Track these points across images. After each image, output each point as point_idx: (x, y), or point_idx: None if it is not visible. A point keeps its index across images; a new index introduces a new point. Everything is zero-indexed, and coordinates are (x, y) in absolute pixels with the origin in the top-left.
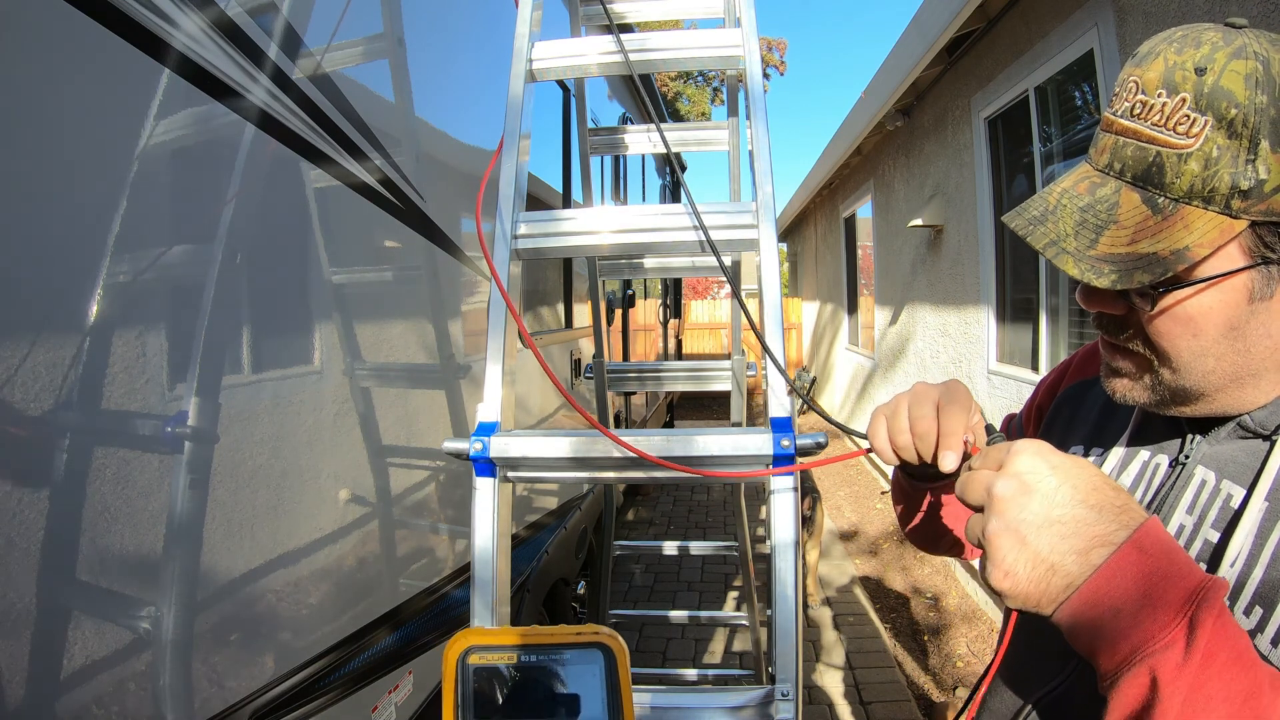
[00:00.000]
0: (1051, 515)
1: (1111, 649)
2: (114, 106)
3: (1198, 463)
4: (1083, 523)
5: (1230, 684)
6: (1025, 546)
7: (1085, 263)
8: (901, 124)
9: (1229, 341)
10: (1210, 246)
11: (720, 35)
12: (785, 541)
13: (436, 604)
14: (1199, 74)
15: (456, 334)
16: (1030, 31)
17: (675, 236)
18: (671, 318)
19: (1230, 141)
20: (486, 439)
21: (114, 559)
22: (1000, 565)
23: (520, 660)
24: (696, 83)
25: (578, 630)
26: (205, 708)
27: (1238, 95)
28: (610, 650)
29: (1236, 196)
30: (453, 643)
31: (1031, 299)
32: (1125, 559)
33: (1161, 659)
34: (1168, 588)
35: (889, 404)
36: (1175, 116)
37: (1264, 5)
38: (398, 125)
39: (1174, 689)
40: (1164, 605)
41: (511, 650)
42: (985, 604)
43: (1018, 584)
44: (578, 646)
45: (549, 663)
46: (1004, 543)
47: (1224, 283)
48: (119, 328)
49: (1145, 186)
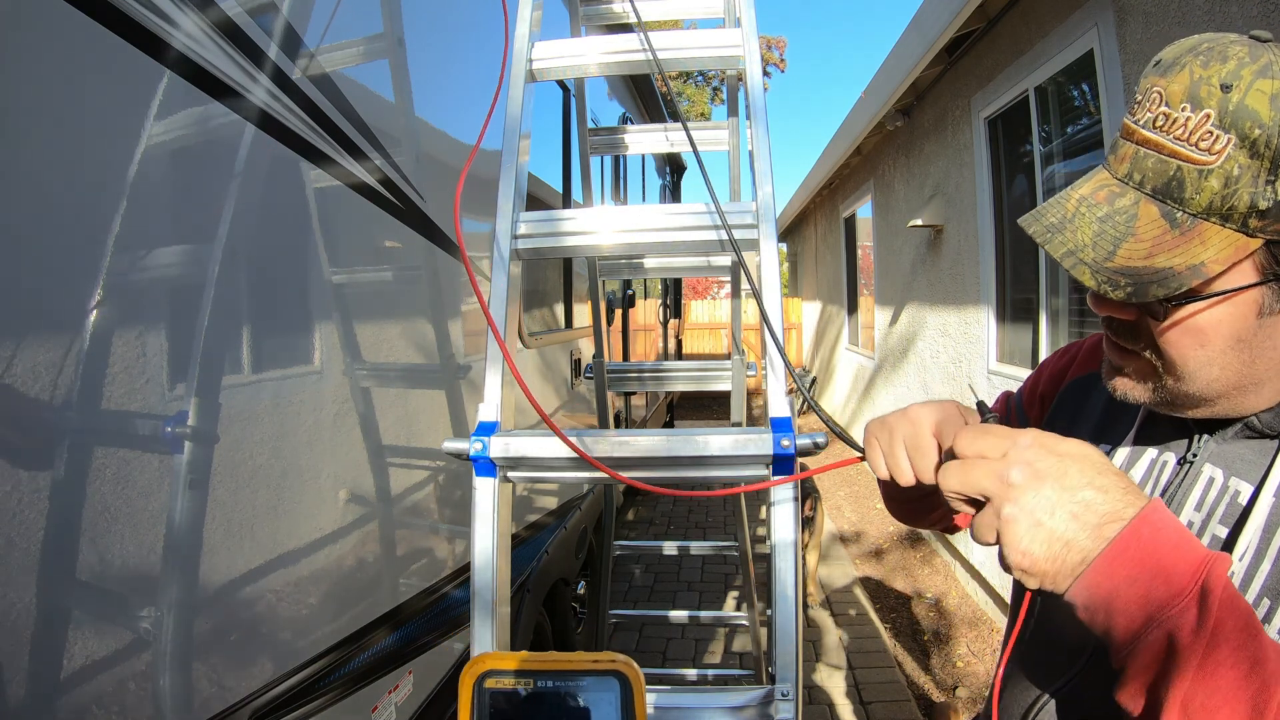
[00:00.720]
0: (1063, 497)
1: (1127, 618)
2: (114, 106)
3: (1205, 460)
4: (1093, 502)
5: (1239, 650)
6: (1040, 528)
7: (1102, 274)
8: (901, 124)
9: (1235, 353)
10: (1225, 263)
11: (720, 35)
12: (785, 541)
13: (436, 604)
14: (1224, 90)
15: (456, 334)
16: (1030, 31)
17: (675, 236)
18: (671, 318)
19: (1252, 161)
20: (486, 439)
21: (114, 559)
22: (1017, 546)
23: (537, 686)
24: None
25: (594, 658)
26: (205, 708)
27: (1262, 115)
28: (626, 679)
29: (1254, 216)
30: (470, 666)
31: (1031, 299)
32: (1136, 532)
33: (1179, 623)
34: (1177, 559)
35: (883, 430)
36: (1199, 132)
37: (1264, 5)
38: (398, 125)
39: (1191, 652)
40: (1176, 574)
41: (528, 676)
42: (985, 604)
43: (1035, 562)
44: (594, 674)
45: (565, 689)
46: (1020, 526)
47: (1235, 297)
48: (119, 328)
49: (1165, 200)
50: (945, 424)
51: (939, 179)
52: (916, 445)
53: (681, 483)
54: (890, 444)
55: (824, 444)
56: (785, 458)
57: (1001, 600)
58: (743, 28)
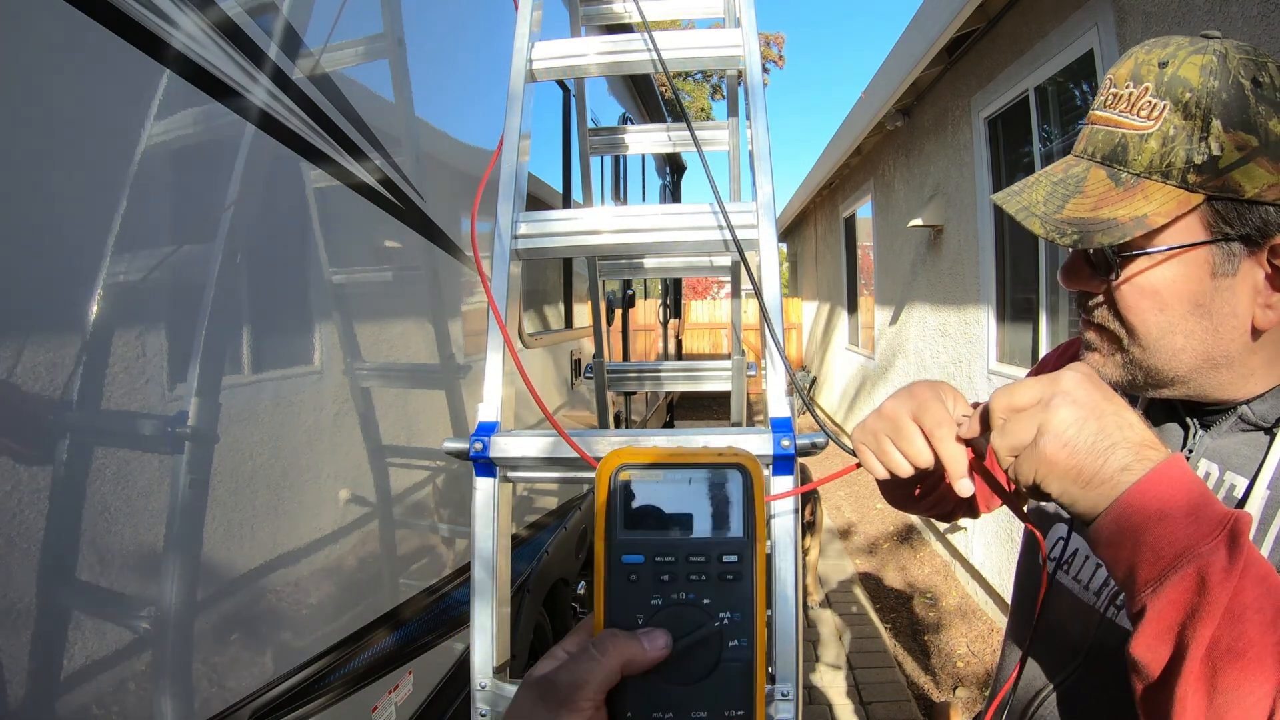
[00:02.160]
0: (1110, 407)
1: (1156, 553)
2: (114, 106)
3: (1201, 455)
4: (1137, 425)
5: (1264, 597)
6: (1088, 422)
7: (1050, 224)
8: (901, 124)
9: (1195, 319)
10: (1167, 216)
11: (720, 35)
12: (785, 542)
13: (436, 604)
14: (1161, 66)
15: (456, 334)
16: (1030, 31)
17: (676, 236)
18: (671, 318)
19: (1185, 122)
20: (486, 439)
21: (114, 559)
22: (1060, 435)
23: (665, 477)
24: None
25: (719, 452)
26: (205, 708)
27: (1193, 81)
28: (748, 470)
29: (1192, 171)
30: (607, 460)
31: (1031, 299)
32: (1173, 470)
33: (1210, 561)
34: (1206, 504)
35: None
36: (1139, 103)
37: (1264, 5)
38: (398, 125)
39: (1221, 591)
40: (1207, 517)
41: (659, 469)
42: (985, 604)
43: (1075, 454)
44: (720, 466)
45: (694, 479)
46: (1069, 414)
47: (1186, 255)
48: (119, 328)
49: (1111, 164)
50: (921, 409)
51: (939, 179)
52: (900, 435)
53: None
54: (878, 444)
55: (823, 444)
56: (785, 458)
57: (1002, 600)
58: (743, 28)
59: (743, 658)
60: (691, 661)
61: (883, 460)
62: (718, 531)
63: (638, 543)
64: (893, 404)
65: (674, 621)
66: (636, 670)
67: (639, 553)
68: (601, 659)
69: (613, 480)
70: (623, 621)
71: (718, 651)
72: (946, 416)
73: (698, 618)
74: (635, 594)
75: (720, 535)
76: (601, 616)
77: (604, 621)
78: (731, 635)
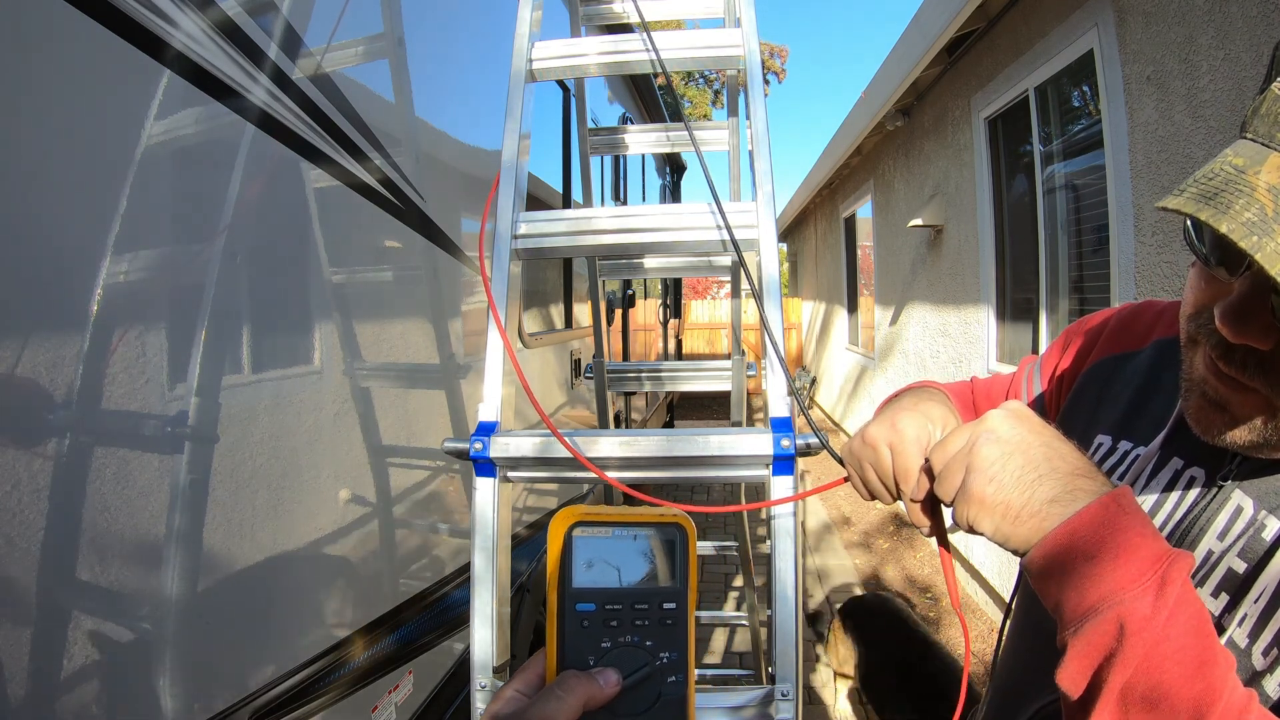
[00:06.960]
0: (1037, 439)
1: (1080, 594)
2: (114, 106)
3: (1236, 486)
4: (1066, 454)
5: (1187, 648)
6: (1013, 456)
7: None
8: (901, 124)
9: None
10: None
11: (720, 35)
12: (785, 542)
13: (436, 604)
14: None
15: (456, 334)
16: (1030, 31)
17: (675, 236)
18: (671, 318)
19: None
20: (486, 439)
21: (114, 558)
22: (985, 472)
23: (614, 534)
24: (698, 84)
25: (660, 513)
26: (205, 708)
27: None
28: (684, 529)
29: None
30: (560, 518)
31: (1032, 299)
32: (1107, 508)
33: (1131, 609)
34: (1141, 545)
35: (853, 460)
36: None
37: (1264, 5)
38: (398, 125)
39: (1139, 640)
40: (1137, 559)
41: (608, 526)
42: (984, 603)
43: (1001, 489)
44: (661, 525)
45: (638, 536)
46: (992, 451)
47: None
48: (119, 328)
49: None
50: (895, 449)
51: (939, 179)
52: (880, 468)
53: (680, 484)
54: (861, 470)
55: (819, 448)
56: (785, 457)
57: (1001, 599)
58: (743, 28)
59: (679, 692)
60: (637, 696)
61: (869, 488)
62: (658, 582)
63: (589, 592)
64: (875, 431)
65: (622, 661)
66: (594, 706)
67: (591, 601)
68: (566, 698)
69: (567, 537)
70: (576, 662)
71: (659, 687)
72: (912, 465)
73: (642, 658)
74: (587, 638)
75: (660, 585)
76: (554, 659)
77: (559, 662)
78: (669, 672)
